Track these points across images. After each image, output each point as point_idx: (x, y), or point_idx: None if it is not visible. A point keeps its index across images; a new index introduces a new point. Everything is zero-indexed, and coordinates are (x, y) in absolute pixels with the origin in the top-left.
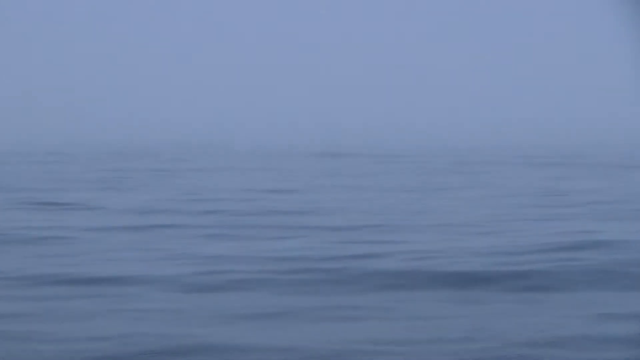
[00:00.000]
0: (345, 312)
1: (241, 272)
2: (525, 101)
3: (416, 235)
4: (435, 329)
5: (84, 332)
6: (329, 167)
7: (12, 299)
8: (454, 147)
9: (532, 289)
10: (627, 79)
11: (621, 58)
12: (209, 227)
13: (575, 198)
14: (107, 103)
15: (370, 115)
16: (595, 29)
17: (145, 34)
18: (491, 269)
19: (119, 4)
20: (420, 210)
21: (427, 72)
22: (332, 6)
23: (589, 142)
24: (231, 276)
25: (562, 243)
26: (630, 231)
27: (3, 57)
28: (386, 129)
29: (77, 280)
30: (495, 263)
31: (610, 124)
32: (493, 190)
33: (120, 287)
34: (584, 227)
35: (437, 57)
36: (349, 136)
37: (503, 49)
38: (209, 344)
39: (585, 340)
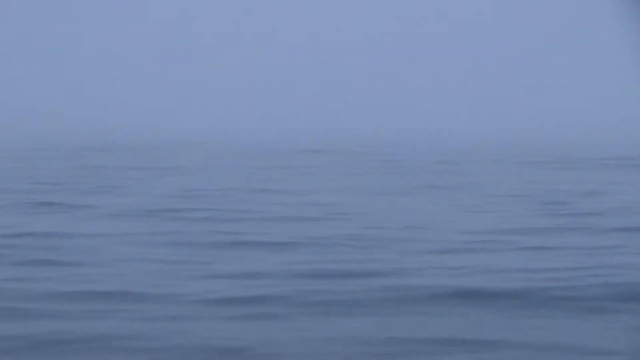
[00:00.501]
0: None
1: (280, 286)
2: (523, 100)
3: (440, 246)
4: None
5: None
6: (317, 165)
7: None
8: (450, 146)
9: None
10: (627, 78)
11: (621, 58)
12: (218, 234)
13: (579, 205)
14: (97, 99)
15: (363, 113)
16: (595, 29)
17: (137, 29)
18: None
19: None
20: (427, 218)
21: (426, 71)
22: (322, 5)
23: (588, 141)
24: (271, 291)
25: (597, 262)
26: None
27: None
28: (378, 126)
29: (108, 295)
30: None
31: (609, 124)
32: (493, 193)
33: (152, 304)
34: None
35: (435, 56)
36: (341, 133)
37: (501, 48)
38: None
39: None
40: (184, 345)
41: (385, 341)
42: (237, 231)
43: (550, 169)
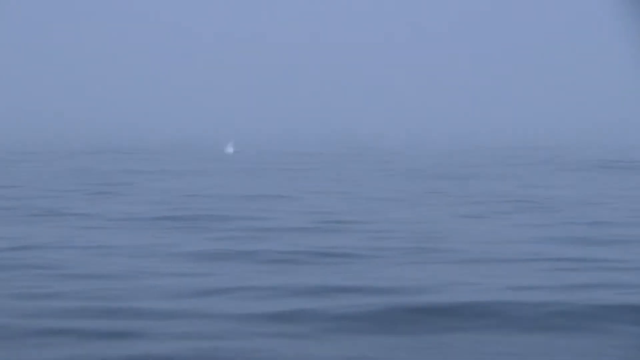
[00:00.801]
0: None
1: (312, 301)
2: (522, 101)
3: (462, 258)
4: None
5: None
6: (317, 168)
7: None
8: (449, 148)
9: None
10: (627, 78)
11: (621, 58)
12: (222, 243)
13: (584, 211)
14: (93, 100)
15: (362, 114)
16: (596, 29)
17: (135, 30)
18: None
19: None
20: (436, 227)
21: (424, 72)
22: (322, 6)
23: (588, 143)
24: (304, 306)
25: None
26: None
27: None
28: (378, 127)
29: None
30: None
31: (608, 124)
32: (496, 199)
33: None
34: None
35: (435, 57)
36: (340, 135)
37: (500, 49)
38: None
39: None
40: None
41: None
42: (241, 240)
43: (551, 172)
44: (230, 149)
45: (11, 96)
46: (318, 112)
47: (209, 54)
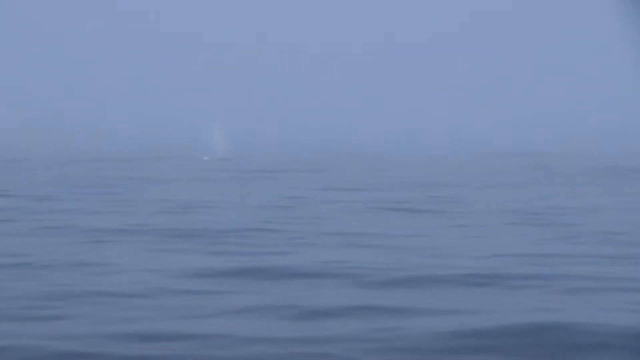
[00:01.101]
0: None
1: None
2: (523, 102)
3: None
4: None
5: None
6: (309, 177)
7: None
8: (447, 153)
9: None
10: (627, 79)
11: (621, 58)
12: (224, 258)
13: (586, 222)
14: (88, 104)
15: (359, 118)
16: (596, 29)
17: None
18: None
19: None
20: (442, 241)
21: (424, 73)
22: (321, 7)
23: (586, 147)
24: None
25: None
26: None
27: None
28: (371, 133)
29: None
30: None
31: (608, 127)
32: (497, 209)
33: None
34: None
35: (434, 57)
36: (337, 140)
37: (500, 49)
38: None
39: None
40: None
41: None
42: (253, 255)
43: (552, 179)
44: (221, 155)
45: (10, 96)
46: (315, 113)
47: (208, 55)
